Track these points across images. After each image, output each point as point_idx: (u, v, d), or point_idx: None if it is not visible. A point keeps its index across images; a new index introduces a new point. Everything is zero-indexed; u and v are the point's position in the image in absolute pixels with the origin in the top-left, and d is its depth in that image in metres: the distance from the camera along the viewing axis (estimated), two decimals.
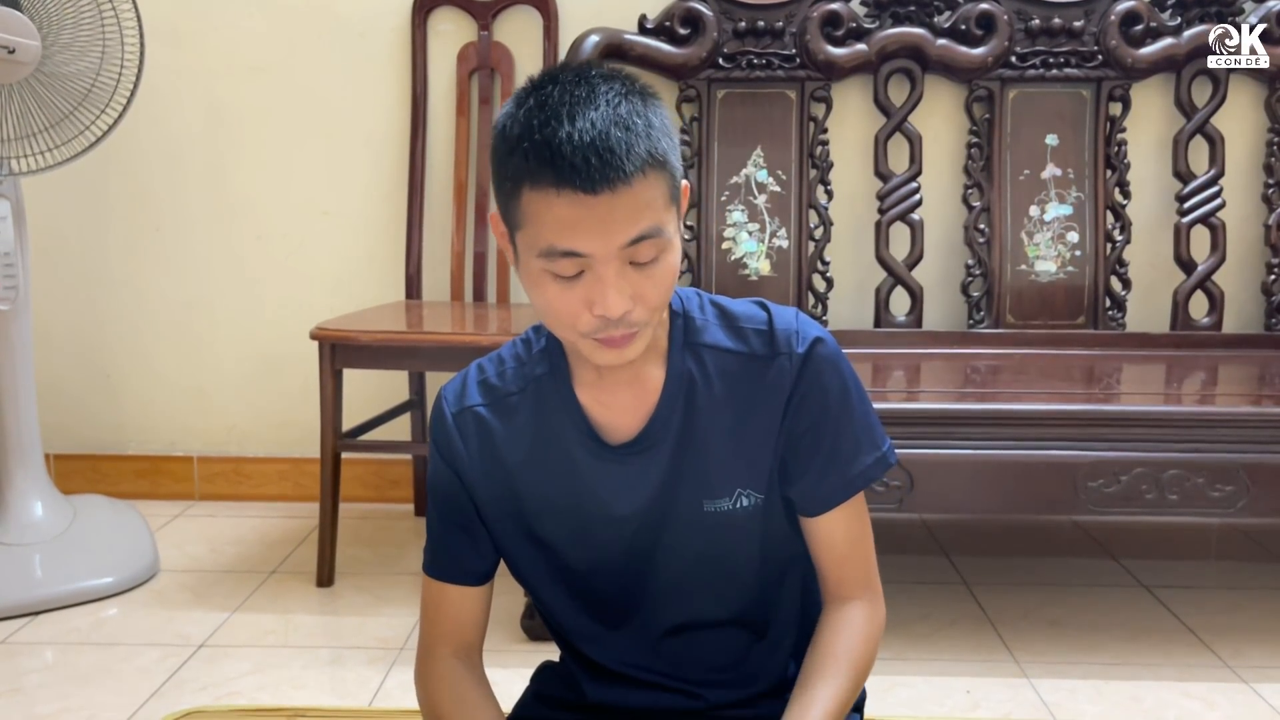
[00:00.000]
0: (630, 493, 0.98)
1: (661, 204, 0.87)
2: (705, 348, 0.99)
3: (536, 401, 1.00)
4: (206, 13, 2.57)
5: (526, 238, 0.88)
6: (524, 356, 1.03)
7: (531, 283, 0.90)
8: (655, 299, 0.89)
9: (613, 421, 0.99)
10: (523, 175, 0.85)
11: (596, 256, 0.85)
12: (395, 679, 1.83)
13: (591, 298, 0.86)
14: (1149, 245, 2.45)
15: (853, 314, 2.49)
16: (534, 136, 0.84)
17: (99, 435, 2.74)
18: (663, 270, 0.89)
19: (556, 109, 0.84)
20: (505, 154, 0.87)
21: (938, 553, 2.40)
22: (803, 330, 0.98)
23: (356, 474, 2.66)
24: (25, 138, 2.05)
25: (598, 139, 0.83)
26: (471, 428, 1.01)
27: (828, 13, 2.35)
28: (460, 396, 1.03)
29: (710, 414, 0.98)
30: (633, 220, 0.85)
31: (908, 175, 2.40)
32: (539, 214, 0.85)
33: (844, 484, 0.99)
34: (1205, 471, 1.78)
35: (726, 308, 1.01)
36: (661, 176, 0.87)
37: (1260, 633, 2.02)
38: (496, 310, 2.46)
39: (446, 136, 2.58)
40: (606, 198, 0.83)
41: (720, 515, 0.98)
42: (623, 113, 0.85)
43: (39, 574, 2.10)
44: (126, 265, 2.67)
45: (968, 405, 1.88)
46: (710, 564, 1.00)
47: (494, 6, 2.53)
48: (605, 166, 0.82)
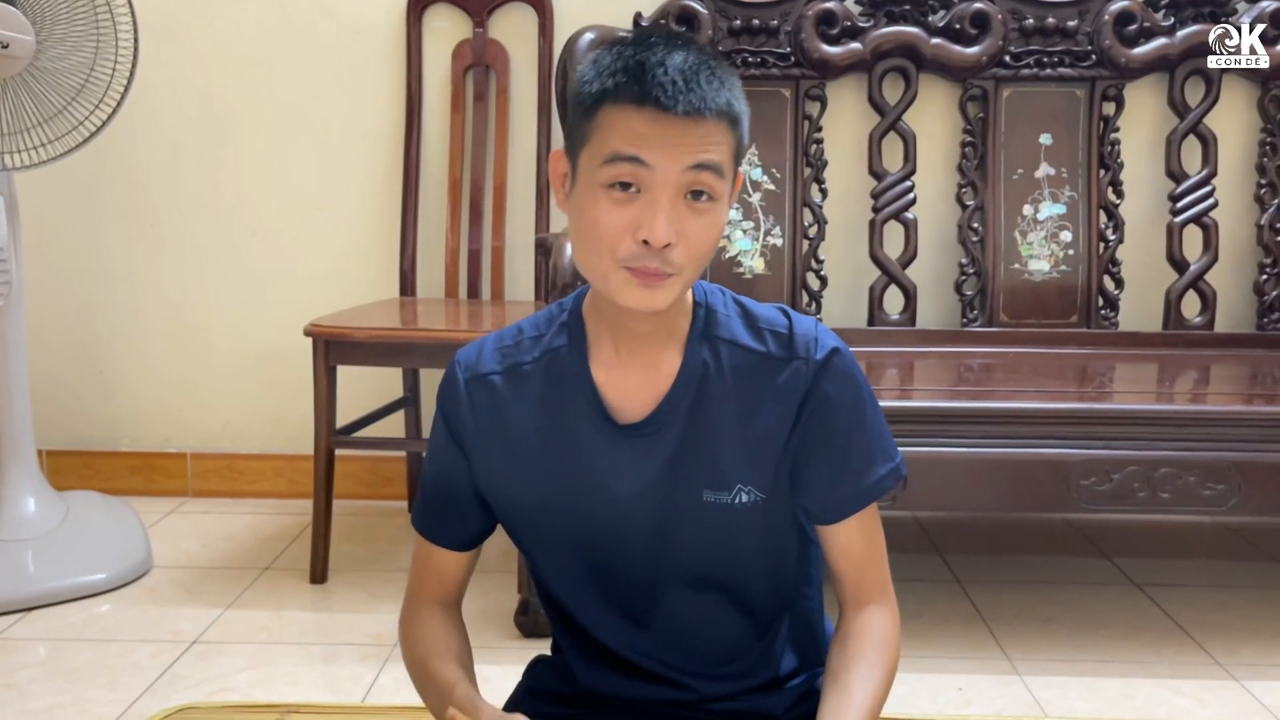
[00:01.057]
0: (632, 473, 0.99)
1: (728, 154, 0.91)
2: (722, 341, 1.00)
3: (550, 373, 1.01)
4: (201, 8, 2.57)
5: (591, 151, 0.91)
6: (543, 328, 1.04)
7: (583, 206, 0.92)
8: (698, 244, 0.91)
9: (624, 402, 0.99)
10: (606, 91, 0.89)
11: (657, 173, 0.88)
12: (388, 675, 1.83)
13: (640, 222, 0.89)
14: (1142, 244, 2.46)
15: (847, 312, 2.49)
16: (628, 59, 0.89)
17: (92, 431, 2.73)
18: (712, 219, 0.91)
19: (652, 45, 0.90)
20: (590, 79, 0.91)
21: (931, 550, 2.41)
22: (821, 339, 1.00)
23: (350, 470, 2.66)
24: (19, 133, 2.05)
25: (687, 70, 0.88)
26: (482, 395, 1.02)
27: (823, 11, 2.35)
28: (475, 363, 1.03)
29: (719, 406, 0.99)
30: (701, 147, 0.88)
31: (902, 174, 2.41)
32: (613, 125, 0.89)
33: (857, 494, 1.01)
34: (1197, 470, 1.79)
35: (748, 307, 1.03)
36: (732, 135, 0.91)
37: (1251, 630, 2.03)
38: (491, 307, 2.46)
39: (441, 133, 2.58)
40: (682, 121, 0.87)
41: (719, 508, 0.99)
42: (712, 65, 0.91)
43: (32, 570, 2.09)
44: (120, 261, 2.67)
45: (961, 403, 1.89)
46: (707, 554, 1.01)
47: (489, 3, 2.52)
48: (689, 93, 0.87)
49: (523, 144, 2.56)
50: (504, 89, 2.54)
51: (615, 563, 1.02)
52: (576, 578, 1.05)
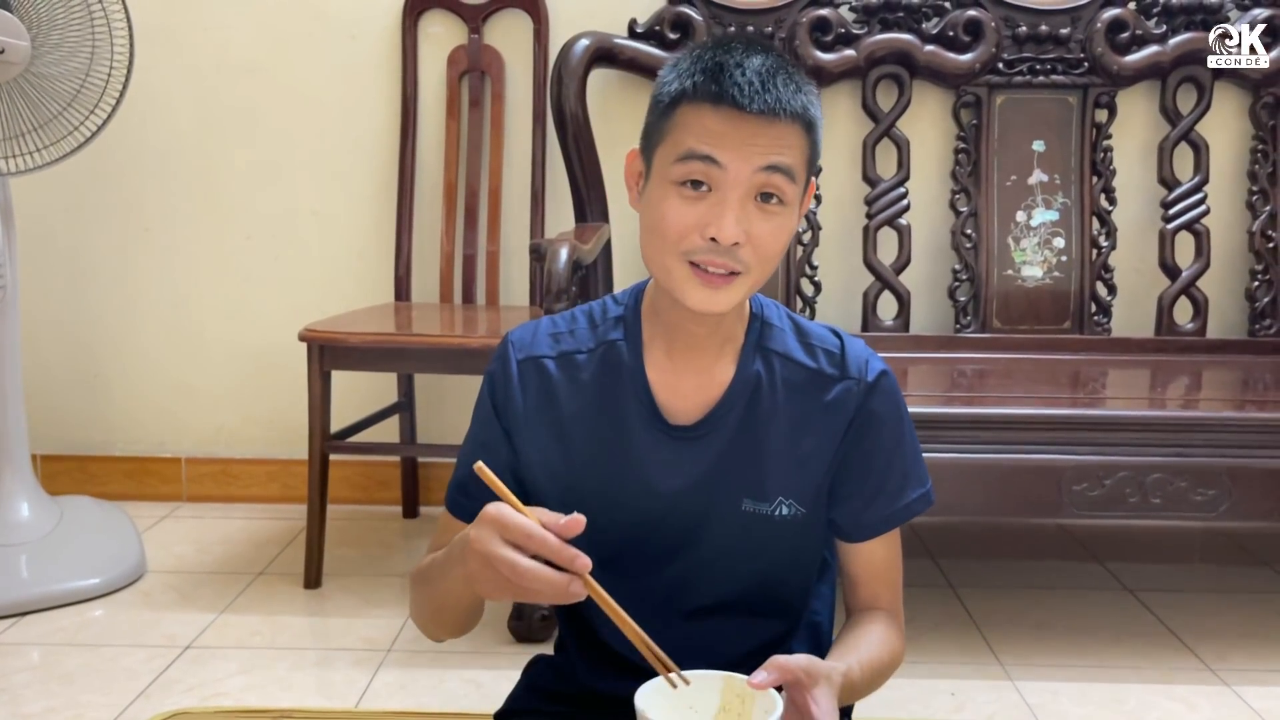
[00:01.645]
0: (675, 473, 1.00)
1: (800, 158, 0.92)
2: (776, 355, 1.01)
3: (603, 364, 1.01)
4: (197, 13, 2.57)
5: (666, 149, 0.92)
6: (598, 319, 1.04)
7: (653, 202, 0.93)
8: (767, 247, 0.92)
9: (677, 403, 1.00)
10: (685, 92, 0.91)
11: (729, 172, 0.89)
12: (382, 680, 1.83)
13: (708, 220, 0.90)
14: (1134, 251, 2.47)
15: (840, 318, 2.50)
16: (707, 61, 0.91)
17: (86, 436, 2.73)
18: (781, 222, 0.92)
19: (732, 47, 0.92)
20: (670, 80, 0.93)
21: (924, 555, 2.41)
22: (872, 361, 1.02)
23: (345, 475, 2.66)
24: (14, 138, 2.05)
25: (765, 73, 0.90)
26: (533, 377, 1.02)
27: (817, 18, 2.36)
28: (530, 344, 1.03)
29: (770, 418, 1.00)
30: (774, 149, 0.89)
31: (895, 180, 2.42)
32: (689, 124, 0.90)
33: (888, 516, 1.03)
34: (1188, 475, 1.80)
35: (801, 324, 1.04)
36: (806, 140, 0.92)
37: (1242, 636, 2.03)
38: (485, 312, 2.47)
39: (436, 138, 2.58)
40: (758, 122, 0.89)
41: (757, 518, 1.00)
42: (789, 70, 0.92)
43: (25, 575, 2.09)
44: (115, 265, 2.67)
45: (954, 409, 1.90)
46: (739, 563, 1.02)
47: (484, 9, 2.53)
48: (766, 93, 0.89)
49: (517, 149, 2.57)
50: (499, 94, 2.54)
51: (646, 560, 1.02)
52: (603, 575, 1.05)
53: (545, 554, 0.80)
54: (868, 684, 0.98)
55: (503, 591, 0.83)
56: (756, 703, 0.84)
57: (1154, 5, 2.37)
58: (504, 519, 0.81)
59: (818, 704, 0.83)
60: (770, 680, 0.82)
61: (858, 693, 0.97)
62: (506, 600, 0.84)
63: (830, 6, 2.37)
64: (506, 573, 0.80)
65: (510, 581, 0.81)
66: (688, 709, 0.86)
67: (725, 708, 0.86)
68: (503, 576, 0.81)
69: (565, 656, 1.12)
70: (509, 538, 0.81)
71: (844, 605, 1.09)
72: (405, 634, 2.00)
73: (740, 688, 0.85)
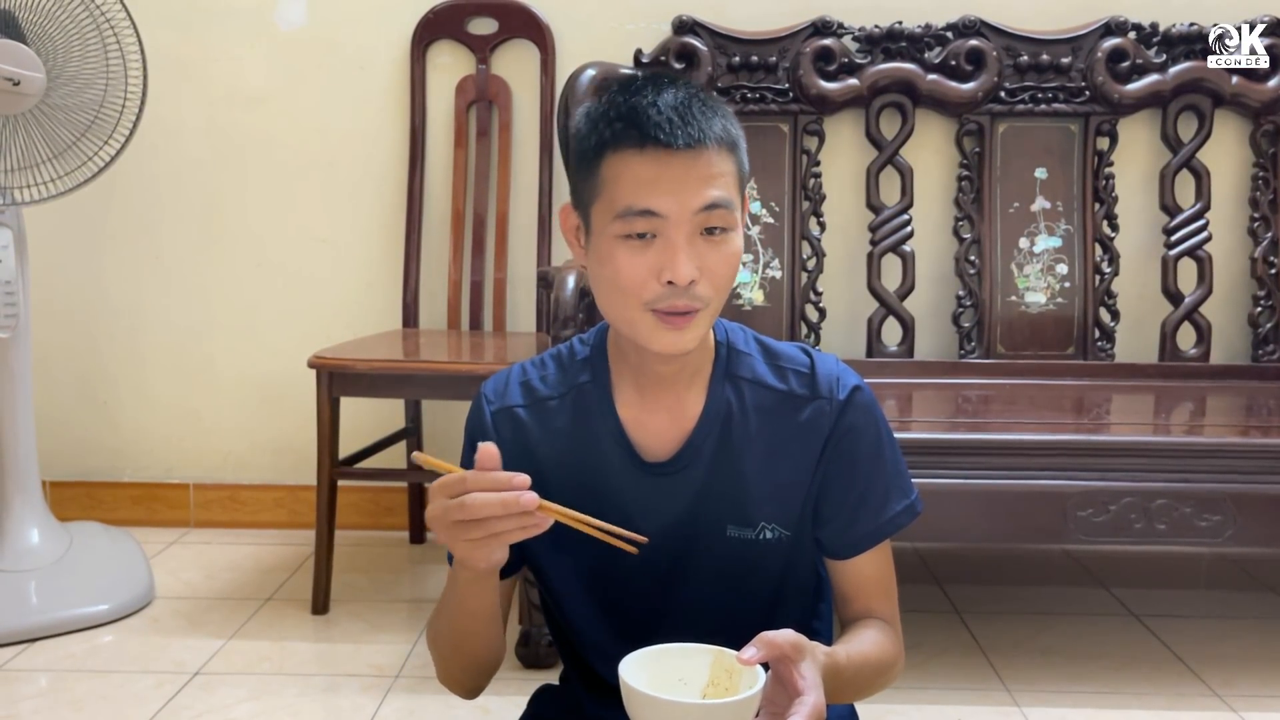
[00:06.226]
0: (657, 510, 1.00)
1: (733, 183, 0.93)
2: (745, 381, 1.01)
3: (576, 409, 1.02)
4: (208, 44, 2.60)
5: (603, 205, 0.92)
6: (567, 362, 1.05)
7: (602, 259, 0.93)
8: (721, 275, 0.92)
9: (649, 441, 1.01)
10: (605, 142, 0.91)
11: (671, 218, 0.90)
12: (391, 706, 1.83)
13: (661, 264, 0.90)
14: (1137, 277, 2.49)
15: (845, 344, 2.51)
16: (620, 106, 0.91)
17: (96, 462, 2.75)
18: (729, 249, 0.93)
19: (640, 87, 0.93)
20: (587, 131, 0.93)
21: (929, 581, 2.41)
22: (843, 377, 1.01)
23: (352, 501, 2.67)
24: (29, 168, 2.07)
25: (680, 105, 0.90)
26: (508, 427, 1.03)
27: (820, 48, 2.39)
28: (502, 394, 1.05)
29: (744, 445, 1.00)
30: (707, 184, 0.90)
31: (899, 207, 2.43)
32: (618, 176, 0.90)
33: (873, 530, 1.03)
34: (1193, 501, 1.80)
35: (769, 345, 1.04)
36: (733, 159, 0.93)
37: (1249, 661, 2.03)
38: (493, 339, 2.49)
39: (444, 167, 2.61)
40: (685, 157, 0.89)
41: (743, 543, 1.01)
42: (701, 96, 0.93)
43: (34, 601, 2.10)
44: (125, 293, 2.69)
45: (959, 435, 1.90)
46: (728, 589, 1.02)
47: (492, 40, 2.56)
48: (686, 126, 0.89)
49: (525, 178, 2.60)
50: (506, 124, 2.57)
51: (636, 599, 1.03)
52: (598, 618, 1.05)
53: (483, 487, 0.83)
54: (857, 676, 0.97)
55: (475, 544, 0.85)
56: (742, 677, 0.86)
57: (1154, 34, 2.40)
58: (440, 482, 0.85)
59: (803, 676, 0.84)
60: (759, 656, 0.84)
61: (847, 684, 0.96)
62: (488, 556, 0.86)
63: (834, 36, 2.40)
64: (462, 516, 0.83)
65: (473, 524, 0.83)
66: (678, 681, 0.89)
67: (714, 681, 0.89)
68: (464, 524, 0.83)
69: (569, 688, 1.13)
70: (450, 493, 0.84)
71: (838, 622, 1.10)
72: (413, 660, 2.00)
73: (729, 663, 0.87)
